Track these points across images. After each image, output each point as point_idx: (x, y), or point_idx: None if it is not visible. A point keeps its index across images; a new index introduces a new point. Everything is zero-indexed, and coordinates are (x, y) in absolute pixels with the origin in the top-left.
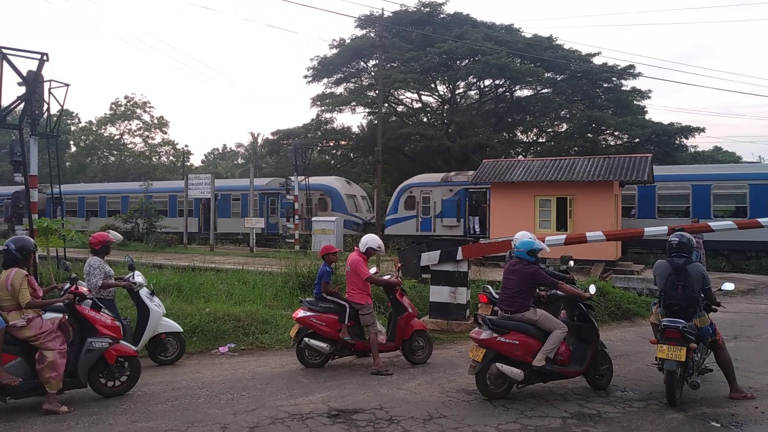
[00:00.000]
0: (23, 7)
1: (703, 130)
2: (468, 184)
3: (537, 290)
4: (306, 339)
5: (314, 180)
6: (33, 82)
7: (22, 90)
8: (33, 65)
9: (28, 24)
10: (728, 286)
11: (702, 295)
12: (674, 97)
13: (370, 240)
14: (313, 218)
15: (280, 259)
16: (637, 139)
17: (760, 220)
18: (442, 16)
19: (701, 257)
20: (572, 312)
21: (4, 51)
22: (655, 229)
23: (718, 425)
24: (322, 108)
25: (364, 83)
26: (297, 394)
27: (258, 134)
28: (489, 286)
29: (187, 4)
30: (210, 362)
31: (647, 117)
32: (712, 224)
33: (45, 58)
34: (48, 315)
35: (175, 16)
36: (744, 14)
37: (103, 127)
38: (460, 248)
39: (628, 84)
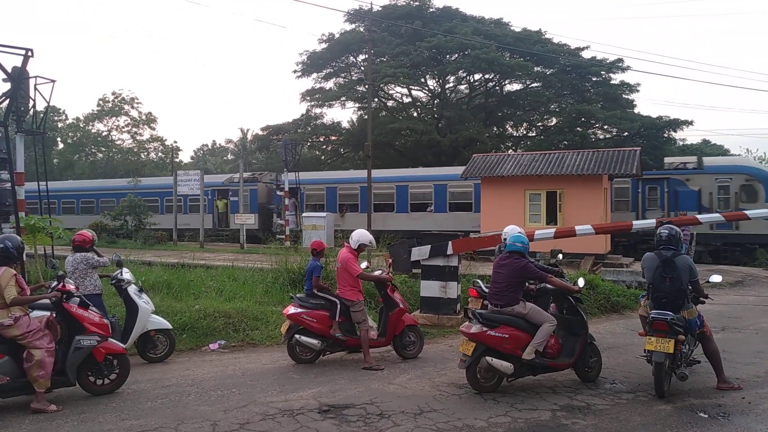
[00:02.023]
0: (7, 2)
1: (691, 123)
2: None
3: (526, 284)
4: (297, 335)
5: (715, 161)
6: (18, 78)
7: (7, 86)
8: (18, 61)
9: (12, 19)
10: (716, 278)
11: (690, 287)
12: (663, 90)
13: (362, 236)
14: (304, 214)
15: (270, 255)
16: (626, 133)
17: (747, 212)
18: (431, 10)
19: (689, 249)
20: (561, 305)
21: None
22: (643, 222)
23: (706, 416)
24: (312, 103)
25: (353, 78)
26: (288, 390)
27: (247, 130)
28: (479, 281)
29: None
30: (200, 359)
31: (636, 110)
32: (700, 217)
33: (30, 53)
34: (35, 313)
35: (162, 10)
36: (734, 6)
37: (91, 123)
38: (450, 243)
39: (616, 77)
